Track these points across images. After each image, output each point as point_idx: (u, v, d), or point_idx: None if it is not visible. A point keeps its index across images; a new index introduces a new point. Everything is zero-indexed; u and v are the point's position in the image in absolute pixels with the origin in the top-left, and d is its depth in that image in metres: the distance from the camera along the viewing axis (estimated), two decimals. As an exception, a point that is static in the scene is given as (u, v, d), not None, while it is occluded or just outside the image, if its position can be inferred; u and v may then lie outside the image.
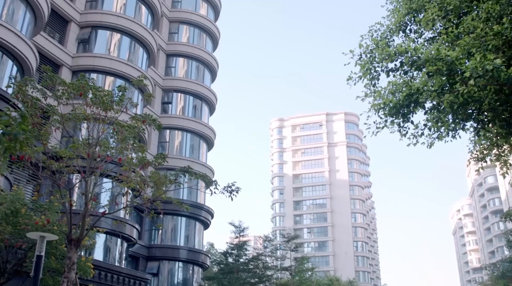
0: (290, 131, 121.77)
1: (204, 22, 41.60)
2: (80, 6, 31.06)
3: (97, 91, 13.23)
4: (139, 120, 14.02)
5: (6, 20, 23.27)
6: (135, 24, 31.95)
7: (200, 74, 40.67)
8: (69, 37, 29.95)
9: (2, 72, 23.09)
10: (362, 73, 9.80)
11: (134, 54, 32.31)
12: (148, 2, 33.72)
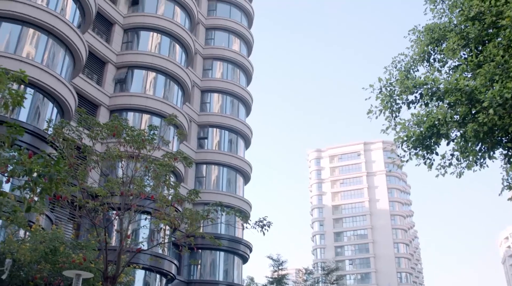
0: (328, 162, 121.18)
1: (237, 57, 42.33)
2: (116, 48, 32.12)
3: (130, 130, 13.65)
4: (170, 158, 14.35)
5: (47, 64, 24.30)
6: (170, 62, 32.79)
7: (235, 109, 41.21)
8: (106, 78, 30.94)
9: (43, 113, 23.99)
10: (382, 107, 9.88)
11: (169, 91, 33.06)
12: (182, 41, 34.60)
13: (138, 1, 34.34)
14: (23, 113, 22.90)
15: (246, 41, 44.43)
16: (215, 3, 44.12)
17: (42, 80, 23.10)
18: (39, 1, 25.30)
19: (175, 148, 31.93)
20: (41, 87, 23.26)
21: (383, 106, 9.88)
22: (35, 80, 22.88)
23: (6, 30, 23.98)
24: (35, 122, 23.03)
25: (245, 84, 43.53)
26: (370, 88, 10.05)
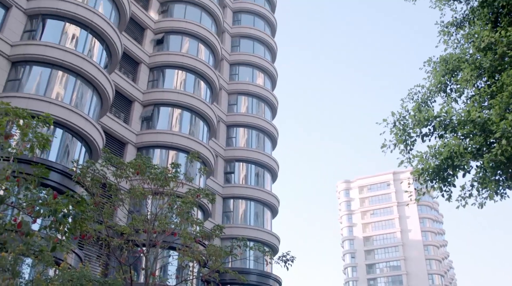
0: (357, 193, 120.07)
1: (262, 91, 42.79)
2: (142, 86, 32.83)
3: (153, 168, 13.92)
4: (193, 195, 14.54)
5: (75, 104, 24.98)
6: (195, 99, 33.31)
7: (261, 142, 41.45)
8: (133, 116, 31.57)
9: (72, 152, 24.56)
10: (396, 141, 9.92)
11: (195, 127, 33.51)
12: (206, 77, 35.18)
13: (163, 40, 35.20)
14: (52, 153, 23.48)
15: (270, 75, 44.94)
16: (239, 39, 44.91)
17: (71, 121, 23.73)
18: (67, 44, 26.18)
19: (202, 183, 32.19)
20: (70, 127, 23.88)
21: (396, 140, 9.92)
22: (64, 120, 23.52)
23: (36, 73, 24.83)
24: (64, 161, 23.57)
25: (270, 118, 43.85)
26: (384, 122, 10.13)
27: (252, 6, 46.86)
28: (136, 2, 34.62)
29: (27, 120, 9.38)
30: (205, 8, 38.03)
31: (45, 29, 26.22)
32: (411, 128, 9.65)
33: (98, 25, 27.04)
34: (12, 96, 23.08)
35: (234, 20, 46.20)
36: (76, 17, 26.53)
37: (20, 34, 25.58)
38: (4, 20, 25.31)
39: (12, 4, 25.56)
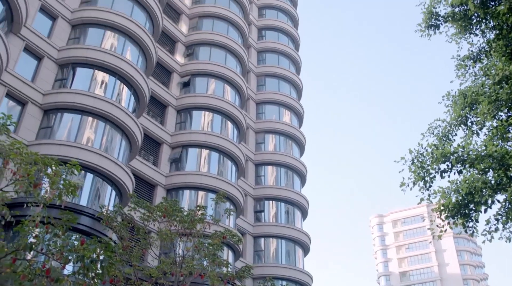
0: (391, 227, 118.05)
1: (289, 129, 42.98)
2: (170, 129, 33.37)
3: (179, 211, 14.08)
4: (219, 236, 14.61)
5: (105, 149, 25.53)
6: (222, 139, 33.65)
7: (290, 180, 41.40)
8: (162, 158, 32.01)
9: (103, 196, 24.97)
10: (414, 178, 9.89)
11: (223, 167, 33.74)
12: (233, 117, 35.59)
13: (189, 82, 35.88)
14: (83, 197, 23.91)
15: (296, 112, 45.20)
16: (264, 78, 45.48)
17: (101, 165, 24.21)
18: (96, 90, 26.95)
19: (232, 223, 32.23)
20: (100, 171, 24.35)
21: (415, 177, 9.90)
22: (94, 165, 24.02)
23: (67, 120, 25.54)
24: (95, 204, 23.95)
25: (298, 155, 43.88)
26: (402, 160, 10.12)
27: (276, 45, 47.55)
28: (162, 47, 35.53)
29: (55, 168, 9.68)
30: (229, 49, 38.76)
31: (75, 77, 27.08)
32: (429, 165, 9.63)
33: (125, 71, 27.80)
34: (44, 143, 23.75)
35: (259, 60, 46.88)
36: (104, 64, 27.36)
37: (52, 83, 26.45)
38: (37, 70, 26.26)
39: (44, 55, 26.54)
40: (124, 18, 29.49)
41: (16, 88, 24.38)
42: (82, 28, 29.05)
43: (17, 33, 25.36)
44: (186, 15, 39.95)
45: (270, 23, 49.26)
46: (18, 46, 25.41)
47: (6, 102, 24.41)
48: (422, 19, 12.73)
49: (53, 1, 28.26)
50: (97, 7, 29.50)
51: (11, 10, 24.21)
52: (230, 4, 42.29)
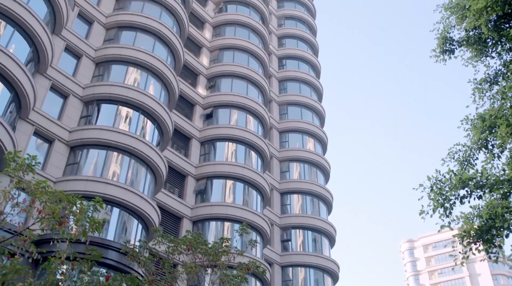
0: (422, 252, 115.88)
1: (313, 157, 42.90)
2: (194, 160, 33.63)
3: (203, 244, 14.13)
4: (243, 268, 14.59)
5: (130, 183, 25.85)
6: (247, 169, 33.75)
7: (316, 208, 41.16)
8: (187, 190, 32.19)
9: (129, 229, 25.17)
10: (433, 206, 9.79)
11: (248, 197, 33.76)
12: (256, 147, 35.72)
13: (212, 114, 36.25)
14: (110, 231, 24.15)
15: (320, 139, 45.16)
16: (286, 106, 45.67)
17: (127, 199, 24.48)
18: (121, 126, 27.42)
19: (259, 253, 32.09)
20: (126, 205, 24.61)
21: (434, 204, 9.80)
22: (120, 199, 24.31)
23: (93, 155, 25.99)
24: (122, 238, 24.14)
25: (323, 182, 43.68)
26: (421, 187, 10.06)
27: (297, 74, 47.86)
28: (184, 80, 36.10)
29: (80, 206, 9.88)
30: (251, 80, 39.16)
31: (100, 113, 27.63)
32: (447, 191, 9.54)
33: (149, 106, 28.26)
34: (71, 179, 24.17)
35: (281, 89, 47.18)
36: (128, 99, 27.89)
37: (77, 119, 27.03)
38: (63, 108, 26.89)
39: (69, 93, 27.19)
40: (147, 54, 30.12)
41: (43, 126, 24.96)
42: (106, 65, 29.73)
43: (44, 73, 26.09)
44: (207, 48, 40.59)
45: (290, 52, 49.70)
46: (45, 86, 26.11)
47: (35, 140, 24.99)
48: (436, 44, 12.76)
49: (78, 40, 29.06)
50: (120, 45, 30.22)
51: (38, 52, 24.97)
52: (250, 35, 42.87)
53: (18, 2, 23.74)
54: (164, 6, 34.02)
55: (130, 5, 33.31)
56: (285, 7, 54.69)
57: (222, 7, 44.02)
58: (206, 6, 43.66)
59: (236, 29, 42.65)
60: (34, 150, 24.79)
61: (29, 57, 24.49)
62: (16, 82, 22.49)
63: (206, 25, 42.14)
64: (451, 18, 12.26)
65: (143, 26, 31.69)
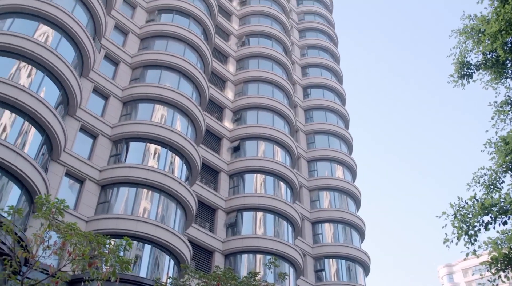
0: (462, 276, 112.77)
1: (343, 184, 42.58)
2: (224, 194, 33.75)
3: (233, 279, 14.14)
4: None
5: (161, 219, 26.08)
6: (276, 200, 33.69)
7: (348, 236, 40.69)
8: (217, 224, 32.26)
9: (161, 265, 25.30)
10: (457, 233, 9.65)
11: (279, 228, 33.61)
12: (285, 178, 35.71)
13: (239, 147, 36.48)
14: (143, 268, 24.33)
15: (349, 166, 44.90)
16: (313, 135, 45.66)
17: (158, 236, 24.67)
18: (150, 162, 27.83)
19: (292, 285, 31.78)
20: (157, 242, 24.80)
21: (458, 232, 9.66)
22: (151, 236, 24.51)
23: (123, 193, 26.38)
24: (154, 274, 24.26)
25: (355, 209, 43.25)
26: (444, 215, 9.92)
27: (323, 102, 47.95)
28: (210, 115, 36.53)
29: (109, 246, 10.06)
30: (276, 111, 39.41)
31: (128, 151, 28.12)
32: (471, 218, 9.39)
33: (176, 142, 28.66)
34: (102, 218, 24.54)
35: (306, 118, 47.29)
36: (155, 137, 28.36)
37: (107, 158, 27.56)
38: (93, 148, 27.49)
39: (98, 133, 27.81)
40: (172, 91, 30.69)
41: (75, 167, 25.51)
42: (133, 104, 30.36)
43: (73, 114, 26.78)
44: (231, 81, 41.11)
45: (314, 81, 49.93)
46: (75, 127, 26.77)
47: (67, 181, 25.54)
48: (454, 69, 12.72)
49: (105, 81, 29.82)
50: (146, 83, 30.89)
51: (67, 95, 25.71)
52: (273, 66, 43.30)
53: (47, 48, 24.58)
54: (187, 43, 34.74)
55: (154, 44, 34.11)
56: (307, 37, 55.21)
57: (244, 40, 44.68)
58: (228, 40, 44.38)
59: (259, 61, 43.16)
60: (66, 190, 25.32)
61: (59, 100, 25.20)
62: (47, 125, 23.13)
63: (229, 59, 42.78)
64: (467, 42, 12.27)
65: (167, 64, 32.37)
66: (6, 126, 22.18)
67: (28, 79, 23.99)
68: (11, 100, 22.12)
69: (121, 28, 33.82)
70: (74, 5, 27.95)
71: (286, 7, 51.43)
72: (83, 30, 27.13)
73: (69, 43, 26.67)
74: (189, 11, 36.77)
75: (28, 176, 21.05)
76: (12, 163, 20.58)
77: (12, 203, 20.83)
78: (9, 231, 10.42)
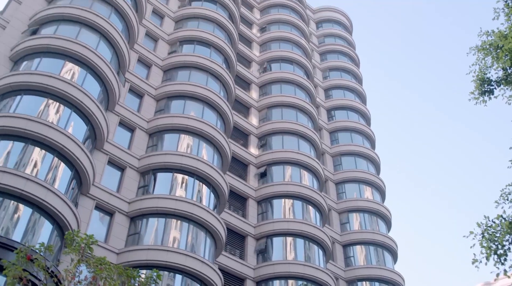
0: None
1: (372, 205, 42.11)
2: (253, 220, 33.70)
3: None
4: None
5: (191, 248, 26.14)
6: (305, 224, 33.48)
7: (381, 258, 40.09)
8: (247, 251, 32.14)
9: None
10: (486, 253, 9.44)
11: (310, 252, 33.31)
12: (314, 202, 35.50)
13: (266, 172, 36.50)
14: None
15: (377, 187, 44.45)
16: (339, 157, 45.43)
17: (188, 265, 24.70)
18: (177, 192, 28.05)
19: (326, 310, 31.38)
20: (188, 271, 24.81)
21: (487, 252, 9.46)
22: (182, 266, 24.57)
23: (152, 224, 26.58)
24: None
25: (386, 230, 42.66)
26: (472, 234, 9.74)
27: (347, 124, 47.77)
28: (235, 142, 36.73)
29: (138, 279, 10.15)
30: (301, 135, 39.42)
31: (156, 182, 28.39)
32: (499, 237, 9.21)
33: (203, 171, 28.84)
34: (133, 249, 24.71)
35: (332, 140, 47.15)
36: (182, 166, 28.60)
37: (135, 190, 27.85)
38: (121, 181, 27.83)
39: (126, 165, 28.19)
40: (197, 120, 31.02)
41: (104, 200, 25.85)
42: (159, 135, 30.75)
43: (101, 148, 27.25)
44: (255, 108, 41.36)
45: (337, 103, 49.91)
46: (103, 160, 27.19)
47: (97, 214, 25.86)
48: (474, 87, 12.64)
49: (130, 114, 30.32)
50: (170, 114, 31.29)
51: (94, 129, 26.20)
52: (296, 91, 43.48)
53: (73, 85, 25.19)
54: (209, 73, 35.18)
55: (177, 75, 34.64)
56: (328, 59, 55.38)
57: (266, 66, 45.05)
58: (250, 67, 44.80)
59: (282, 86, 43.40)
60: (97, 223, 25.64)
61: (87, 135, 25.69)
62: (76, 161, 23.58)
63: (252, 85, 43.12)
64: (487, 58, 12.20)
65: (191, 93, 32.80)
66: (37, 162, 22.68)
67: (56, 115, 24.58)
68: (40, 137, 22.66)
69: (144, 61, 34.47)
70: (98, 41, 28.66)
71: (306, 31, 51.80)
72: (107, 66, 27.75)
73: (94, 78, 27.30)
74: (210, 41, 37.32)
75: (59, 211, 21.41)
76: (43, 199, 20.99)
77: (45, 238, 21.19)
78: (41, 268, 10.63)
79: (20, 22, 28.48)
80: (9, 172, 20.80)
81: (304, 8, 55.60)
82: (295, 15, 53.12)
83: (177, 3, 41.55)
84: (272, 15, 51.21)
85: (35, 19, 28.61)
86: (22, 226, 20.59)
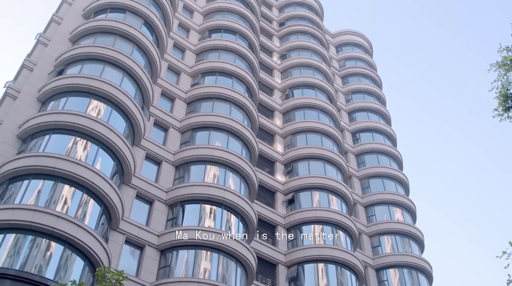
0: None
1: (403, 227, 41.41)
2: (283, 248, 33.43)
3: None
4: None
5: (221, 278, 26.02)
6: (337, 250, 33.02)
7: (415, 280, 39.20)
8: (279, 279, 31.78)
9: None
10: None
11: (342, 278, 32.79)
12: (343, 226, 35.07)
13: (293, 199, 36.29)
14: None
15: (408, 208, 43.78)
16: (367, 180, 45.00)
17: (220, 296, 24.55)
18: (206, 223, 28.07)
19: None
20: (220, 303, 24.64)
21: None
22: (214, 297, 24.42)
23: (182, 256, 26.62)
24: None
25: (419, 252, 41.83)
26: (505, 254, 9.52)
27: (373, 146, 47.44)
28: (261, 170, 36.71)
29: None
30: (327, 159, 39.20)
31: (184, 214, 28.48)
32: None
33: (231, 201, 28.85)
34: (164, 282, 24.70)
35: (359, 163, 46.80)
36: (210, 197, 28.66)
37: (164, 223, 27.96)
38: (149, 214, 27.99)
39: (154, 199, 28.39)
40: (222, 150, 31.18)
41: (133, 234, 26.01)
42: (185, 167, 30.95)
43: (128, 183, 27.52)
44: (279, 135, 41.40)
45: (362, 125, 49.66)
46: (131, 195, 27.43)
47: (127, 248, 26.00)
48: (498, 103, 12.50)
49: (156, 147, 30.64)
50: (196, 145, 31.52)
51: (121, 164, 26.53)
52: (320, 116, 43.43)
53: (99, 121, 25.66)
54: (232, 102, 35.45)
55: (200, 106, 34.99)
56: (350, 82, 55.37)
57: (288, 93, 45.21)
58: (272, 94, 45.02)
59: (305, 112, 43.41)
60: (128, 257, 25.76)
61: (114, 170, 26.02)
62: (105, 196, 23.85)
63: (275, 112, 43.26)
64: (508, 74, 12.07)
65: (215, 124, 33.04)
66: (67, 199, 23.03)
67: (84, 152, 25.00)
68: (69, 174, 23.04)
69: (167, 94, 34.94)
70: (121, 78, 29.22)
71: (326, 55, 51.98)
72: (131, 101, 28.22)
73: (119, 114, 27.77)
74: (232, 71, 37.71)
75: (90, 247, 21.61)
76: (74, 236, 21.23)
77: (77, 274, 21.37)
78: (74, 305, 10.69)
79: (46, 63, 29.29)
80: (40, 210, 21.14)
81: (323, 33, 55.86)
82: (315, 40, 53.39)
83: (197, 36, 42.19)
84: (291, 42, 51.57)
85: (60, 59, 29.38)
86: (54, 263, 20.83)
